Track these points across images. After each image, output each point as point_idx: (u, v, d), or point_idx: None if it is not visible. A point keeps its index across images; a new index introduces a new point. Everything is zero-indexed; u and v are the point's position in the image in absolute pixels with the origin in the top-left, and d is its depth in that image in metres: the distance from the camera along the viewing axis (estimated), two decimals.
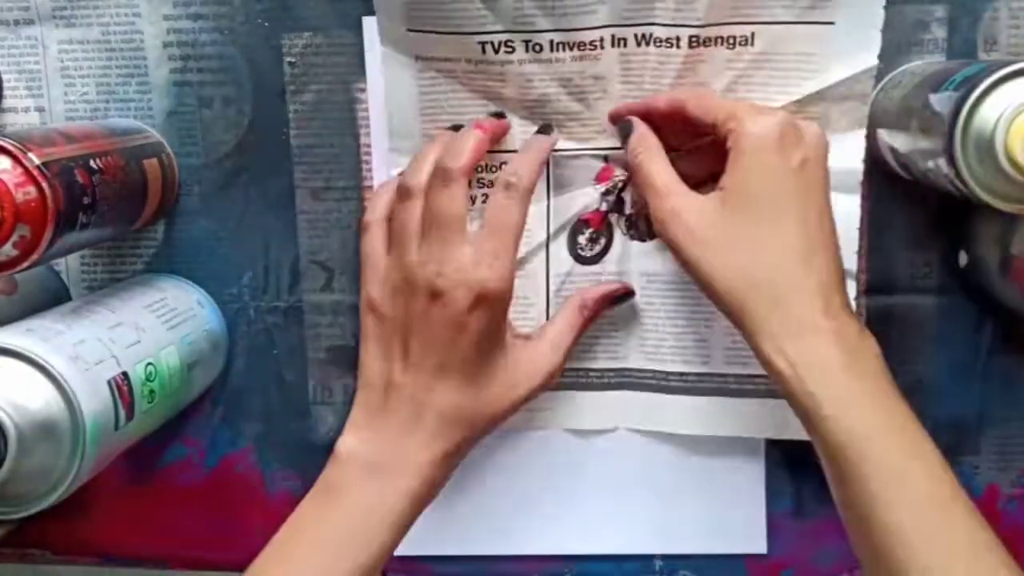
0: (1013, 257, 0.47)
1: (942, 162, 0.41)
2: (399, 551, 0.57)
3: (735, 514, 0.56)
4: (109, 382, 0.46)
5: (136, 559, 0.60)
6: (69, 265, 0.57)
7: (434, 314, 0.45)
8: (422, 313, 0.46)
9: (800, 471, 0.55)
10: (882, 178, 0.52)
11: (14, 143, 0.43)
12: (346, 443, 0.47)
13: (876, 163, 0.52)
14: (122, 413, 0.46)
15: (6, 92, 0.55)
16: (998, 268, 0.48)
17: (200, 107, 0.55)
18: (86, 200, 0.46)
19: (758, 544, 0.56)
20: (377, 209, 0.50)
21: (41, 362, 0.43)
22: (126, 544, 0.60)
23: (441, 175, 0.46)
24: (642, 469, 0.56)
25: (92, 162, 0.47)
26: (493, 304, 0.45)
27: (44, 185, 0.43)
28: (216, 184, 0.56)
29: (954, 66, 0.44)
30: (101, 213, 0.47)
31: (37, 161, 0.43)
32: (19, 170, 0.43)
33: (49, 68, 0.55)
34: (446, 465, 0.47)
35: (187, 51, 0.55)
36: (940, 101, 0.42)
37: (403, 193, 0.47)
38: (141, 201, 0.52)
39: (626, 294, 0.53)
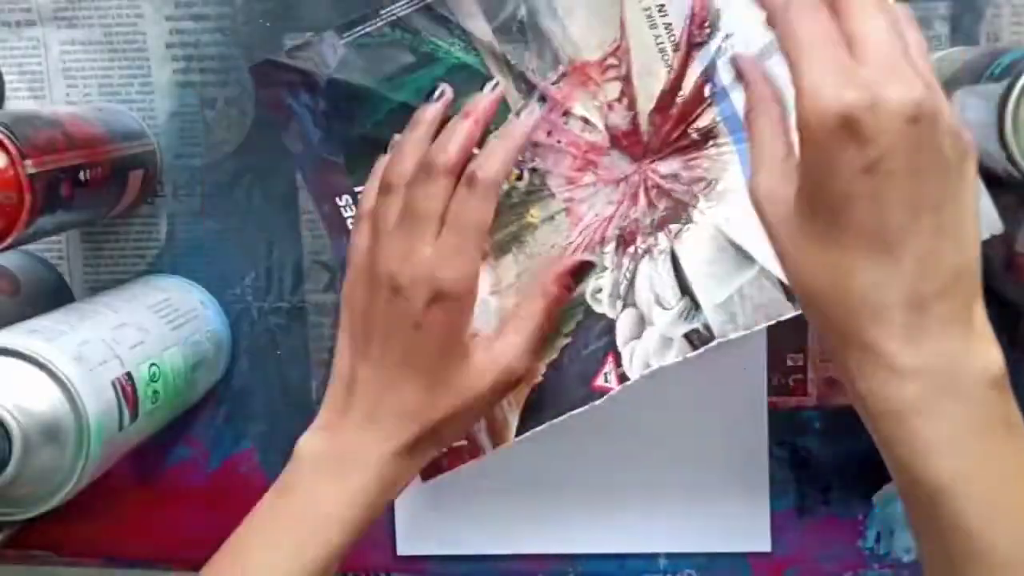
0: (1017, 255, 0.47)
1: (993, 144, 0.42)
2: (400, 551, 0.58)
3: (739, 512, 0.56)
4: (113, 383, 0.45)
5: (140, 560, 0.60)
6: (72, 266, 0.57)
7: (393, 310, 0.45)
8: (383, 309, 0.45)
9: (804, 469, 0.55)
10: None
11: (16, 144, 0.43)
12: (304, 441, 0.46)
13: None
14: (126, 414, 0.46)
15: (8, 93, 0.55)
16: (1002, 266, 0.48)
17: (203, 107, 0.55)
18: (59, 211, 0.46)
19: (762, 543, 0.56)
20: (367, 201, 0.48)
21: (45, 363, 0.43)
22: (130, 545, 0.60)
23: (426, 170, 0.45)
24: (646, 467, 0.56)
25: (81, 174, 0.47)
26: (451, 304, 0.44)
27: (27, 196, 0.43)
28: (219, 184, 0.56)
29: (997, 50, 0.44)
30: (60, 219, 0.47)
31: (32, 170, 0.43)
32: (10, 172, 0.42)
33: (51, 69, 0.55)
34: (402, 464, 0.45)
35: (189, 52, 0.55)
36: (989, 85, 0.42)
37: (384, 187, 0.47)
38: (108, 210, 0.52)
39: (585, 265, 0.49)
